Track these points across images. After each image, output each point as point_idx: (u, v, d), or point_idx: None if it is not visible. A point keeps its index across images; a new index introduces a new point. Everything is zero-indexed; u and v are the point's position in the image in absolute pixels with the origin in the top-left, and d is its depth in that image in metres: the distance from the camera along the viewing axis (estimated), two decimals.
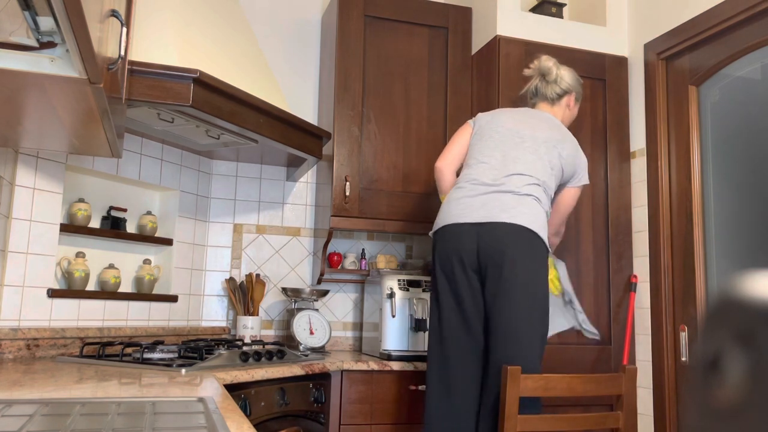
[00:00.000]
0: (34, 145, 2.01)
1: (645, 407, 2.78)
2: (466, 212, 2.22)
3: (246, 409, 2.08)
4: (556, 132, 2.36)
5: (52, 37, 1.20)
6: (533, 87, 2.50)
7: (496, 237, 2.15)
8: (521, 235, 2.15)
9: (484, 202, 2.21)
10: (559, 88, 2.47)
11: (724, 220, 2.57)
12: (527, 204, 2.20)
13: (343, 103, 3.01)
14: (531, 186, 2.23)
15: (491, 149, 2.33)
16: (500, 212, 2.17)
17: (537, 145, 2.30)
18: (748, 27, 2.46)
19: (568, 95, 2.49)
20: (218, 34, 2.66)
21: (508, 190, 2.21)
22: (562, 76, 2.47)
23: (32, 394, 1.40)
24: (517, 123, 2.37)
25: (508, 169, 2.26)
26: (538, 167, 2.27)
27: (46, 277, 2.36)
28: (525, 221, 2.16)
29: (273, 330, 3.21)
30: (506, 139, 2.33)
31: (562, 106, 2.49)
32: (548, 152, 2.30)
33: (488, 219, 2.18)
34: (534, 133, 2.32)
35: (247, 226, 3.25)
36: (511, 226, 2.15)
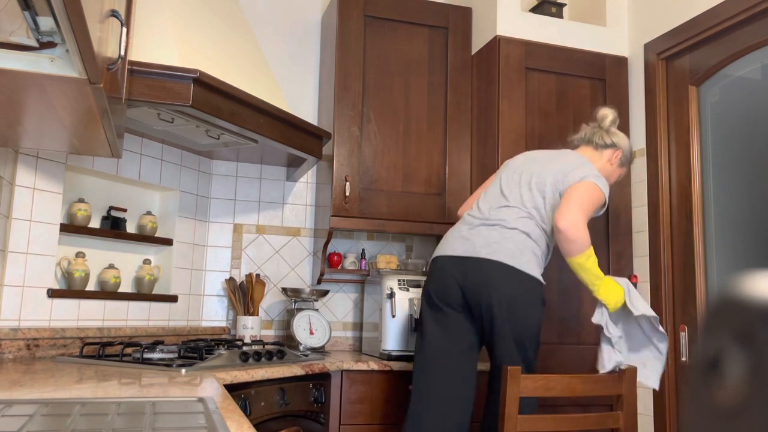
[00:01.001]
0: (34, 145, 2.01)
1: (645, 407, 2.78)
2: (453, 245, 2.26)
3: (246, 409, 2.08)
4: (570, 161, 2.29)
5: (52, 37, 1.20)
6: (582, 133, 2.46)
7: (479, 275, 2.16)
8: (503, 272, 2.14)
9: (470, 236, 2.24)
10: (609, 138, 2.39)
11: (724, 220, 2.57)
12: (512, 238, 2.18)
13: (343, 103, 3.01)
14: (521, 219, 2.21)
15: (493, 187, 2.36)
16: (482, 247, 2.18)
17: (532, 177, 2.28)
18: (748, 27, 2.47)
19: (615, 149, 2.40)
20: (218, 34, 2.66)
21: (496, 223, 2.22)
22: (616, 131, 2.41)
23: (32, 394, 1.40)
24: (527, 161, 2.36)
25: (498, 202, 2.27)
26: (526, 198, 2.25)
27: (46, 277, 2.36)
28: (506, 257, 2.15)
29: (273, 330, 3.21)
30: (508, 176, 2.34)
31: (604, 157, 2.40)
32: (542, 181, 2.26)
33: (470, 254, 2.19)
34: (540, 167, 2.30)
35: (247, 226, 3.25)
36: (491, 263, 2.15)
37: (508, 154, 2.88)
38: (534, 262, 2.18)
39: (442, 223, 3.08)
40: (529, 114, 2.94)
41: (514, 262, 2.15)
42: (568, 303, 2.87)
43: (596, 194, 2.19)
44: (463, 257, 2.21)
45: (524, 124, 2.92)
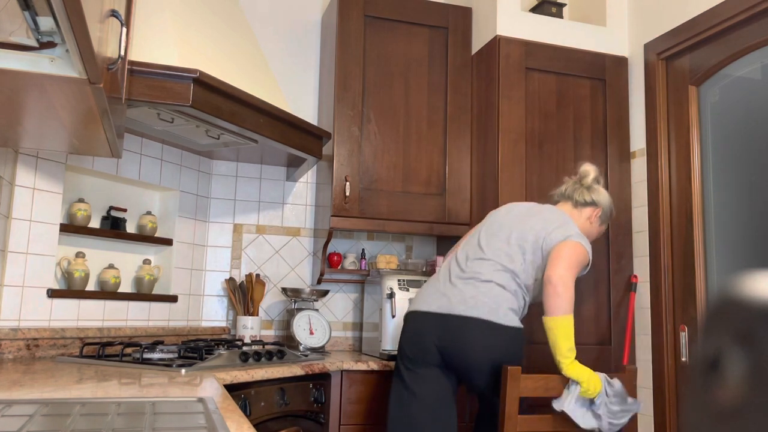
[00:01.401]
0: (34, 145, 2.01)
1: (645, 407, 2.78)
2: (429, 300, 2.23)
3: (246, 409, 2.08)
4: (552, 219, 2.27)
5: (52, 37, 1.20)
6: (563, 188, 2.46)
7: (456, 334, 2.13)
8: (481, 330, 2.11)
9: (445, 290, 2.21)
10: (589, 195, 2.39)
11: (724, 220, 2.57)
12: (488, 292, 2.15)
13: (343, 103, 3.01)
14: (496, 272, 2.19)
15: (472, 238, 2.34)
16: (458, 303, 2.16)
17: (512, 232, 2.26)
18: (748, 27, 2.47)
19: (594, 208, 2.40)
20: (218, 34, 2.66)
21: (471, 277, 2.20)
22: (597, 188, 2.42)
23: (32, 394, 1.40)
24: (509, 214, 2.34)
25: (475, 254, 2.25)
26: (504, 252, 2.22)
27: (46, 277, 2.36)
28: (482, 312, 2.12)
29: (273, 330, 3.21)
30: (488, 229, 2.32)
31: (583, 215, 2.40)
32: (523, 237, 2.23)
33: (446, 310, 2.16)
34: (521, 223, 2.27)
35: (247, 226, 3.25)
36: (468, 321, 2.12)
37: (508, 154, 2.88)
38: (512, 313, 2.16)
39: (442, 223, 3.08)
40: (529, 114, 2.94)
41: (492, 317, 2.12)
42: None
43: (583, 254, 2.18)
44: (438, 314, 2.18)
45: (524, 124, 2.92)
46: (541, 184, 2.91)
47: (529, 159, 2.91)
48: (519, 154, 2.89)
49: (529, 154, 2.92)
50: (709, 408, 0.28)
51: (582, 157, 2.99)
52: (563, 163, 2.96)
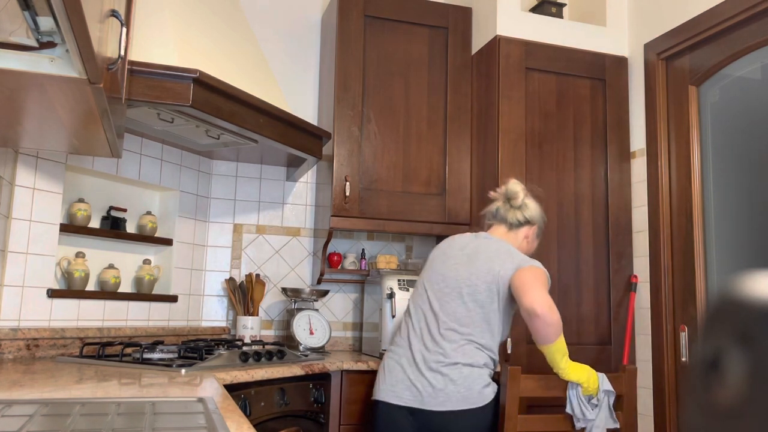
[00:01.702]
0: (34, 145, 2.01)
1: (645, 407, 2.78)
2: (397, 389, 2.12)
3: (246, 409, 2.08)
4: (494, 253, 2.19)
5: (52, 37, 1.20)
6: (494, 209, 2.35)
7: (432, 428, 2.07)
8: (455, 419, 2.05)
9: (415, 380, 2.10)
10: (522, 215, 2.30)
11: (724, 220, 2.57)
12: (457, 380, 2.06)
13: (343, 103, 3.01)
14: (461, 349, 2.10)
15: (420, 301, 2.23)
16: (429, 397, 2.06)
17: (461, 286, 2.15)
18: (748, 27, 2.46)
19: (529, 226, 2.32)
20: (218, 34, 2.66)
21: (436, 364, 2.08)
22: (527, 204, 2.32)
23: (32, 394, 1.40)
24: (448, 261, 2.23)
25: (433, 329, 2.14)
26: (462, 316, 2.13)
27: (46, 277, 2.36)
28: (456, 403, 2.04)
29: (273, 330, 3.21)
30: (434, 286, 2.21)
31: (519, 236, 2.32)
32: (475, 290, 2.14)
33: (418, 405, 2.07)
34: (466, 271, 2.17)
35: (247, 226, 3.25)
36: (442, 415, 2.05)
37: (508, 154, 2.88)
38: (484, 383, 2.08)
39: (442, 223, 3.08)
40: (529, 114, 2.94)
41: (466, 404, 2.05)
42: (568, 303, 2.87)
43: (543, 274, 2.12)
44: (411, 408, 2.09)
45: (524, 124, 2.92)
46: (541, 184, 2.91)
47: (529, 159, 2.91)
48: (519, 154, 2.89)
49: (529, 154, 2.92)
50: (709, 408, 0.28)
51: (582, 157, 2.99)
52: (563, 163, 2.96)
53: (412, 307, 2.25)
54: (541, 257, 2.86)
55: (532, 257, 2.29)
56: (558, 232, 2.90)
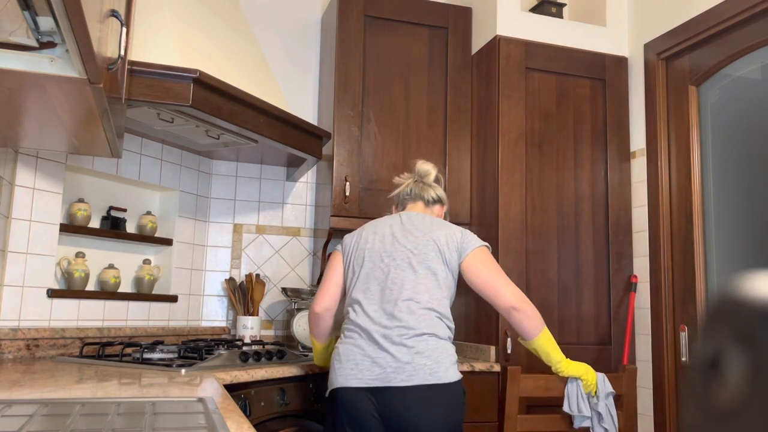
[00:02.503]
0: (34, 145, 2.01)
1: (645, 407, 2.78)
2: (358, 370, 1.96)
3: (246, 409, 2.08)
4: (429, 224, 2.13)
5: (51, 37, 1.20)
6: (408, 189, 2.28)
7: (398, 406, 1.90)
8: (422, 395, 1.90)
9: (376, 357, 1.95)
10: (434, 193, 2.27)
11: (724, 220, 2.57)
12: (423, 352, 1.93)
13: (343, 103, 3.01)
14: (422, 320, 1.97)
15: (364, 278, 2.08)
16: (394, 373, 1.91)
17: (410, 256, 2.05)
18: (748, 27, 2.47)
19: (441, 206, 2.29)
20: (218, 34, 2.66)
21: (399, 338, 1.95)
22: (437, 186, 2.30)
23: (32, 394, 1.40)
24: (384, 240, 2.11)
25: (388, 304, 2.00)
26: (414, 284, 2.02)
27: (46, 277, 2.36)
28: (423, 377, 1.90)
29: (273, 330, 3.21)
30: (376, 263, 2.08)
31: (434, 213, 2.27)
32: (426, 258, 2.05)
33: (383, 383, 1.92)
34: (412, 242, 2.08)
35: (247, 226, 3.25)
36: (410, 391, 1.90)
37: (508, 154, 2.88)
38: (449, 360, 1.96)
39: None
40: (529, 114, 2.94)
41: (434, 379, 1.91)
42: (568, 303, 2.87)
43: (490, 255, 2.09)
44: (375, 388, 1.93)
45: (524, 124, 2.92)
46: (541, 184, 2.91)
47: (529, 159, 2.91)
48: (519, 154, 2.89)
49: (529, 154, 2.92)
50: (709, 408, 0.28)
51: (582, 157, 2.99)
52: (563, 163, 2.96)
53: (357, 293, 2.07)
54: (542, 257, 2.86)
55: None
56: (558, 232, 2.90)
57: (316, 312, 2.16)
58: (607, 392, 2.12)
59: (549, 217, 2.89)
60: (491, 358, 2.75)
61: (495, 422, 2.64)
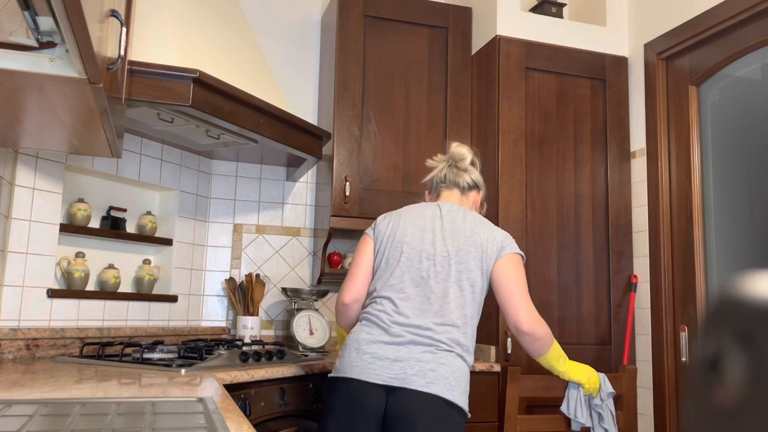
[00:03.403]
0: (34, 145, 2.01)
1: (645, 407, 2.78)
2: (374, 367, 1.81)
3: (246, 409, 2.08)
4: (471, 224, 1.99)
5: (51, 37, 1.20)
6: (442, 175, 2.13)
7: (407, 409, 1.77)
8: (434, 408, 1.77)
9: (398, 356, 1.81)
10: (470, 178, 2.12)
11: (724, 220, 2.57)
12: (449, 364, 1.81)
13: (343, 103, 3.01)
14: (456, 335, 1.86)
15: (399, 276, 1.93)
16: (415, 376, 1.78)
17: (450, 263, 1.92)
18: (748, 27, 2.47)
19: (477, 191, 2.15)
20: (218, 34, 2.66)
21: (429, 339, 1.84)
22: (473, 170, 2.15)
23: (32, 394, 1.40)
24: (423, 236, 1.97)
25: (422, 306, 1.88)
26: (455, 297, 1.89)
27: (46, 277, 2.36)
28: (442, 389, 1.78)
29: (273, 330, 3.21)
30: (414, 263, 1.93)
31: (470, 200, 2.13)
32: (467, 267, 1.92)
33: (401, 384, 1.78)
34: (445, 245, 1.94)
35: (247, 226, 3.25)
36: (425, 398, 1.76)
37: (508, 154, 2.88)
38: (466, 391, 1.84)
39: None
40: (529, 114, 2.94)
41: (450, 395, 1.78)
42: (568, 303, 2.87)
43: (522, 265, 1.96)
44: (390, 387, 1.79)
45: (524, 123, 2.92)
46: (541, 184, 2.91)
47: (529, 159, 2.91)
48: (519, 154, 2.89)
49: (529, 154, 2.92)
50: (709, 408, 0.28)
51: (582, 157, 2.99)
52: (563, 163, 2.96)
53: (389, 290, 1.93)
54: (542, 257, 2.86)
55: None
56: (558, 232, 2.90)
57: (345, 303, 2.01)
58: (608, 392, 2.12)
59: (549, 217, 2.89)
60: (491, 358, 2.75)
61: (495, 422, 2.64)
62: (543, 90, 2.98)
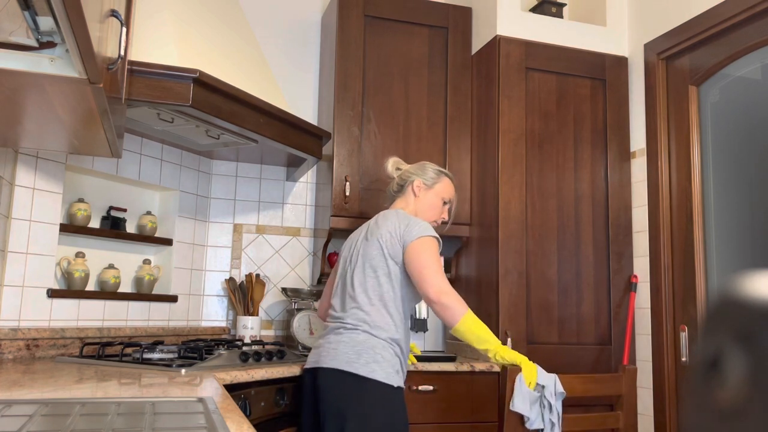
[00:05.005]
0: (34, 145, 2.01)
1: (645, 407, 2.78)
2: (309, 356, 2.20)
3: (246, 409, 2.08)
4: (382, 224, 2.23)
5: (51, 37, 1.20)
6: (387, 191, 2.49)
7: (322, 386, 2.06)
8: (336, 379, 2.02)
9: (320, 343, 2.16)
10: (396, 185, 2.42)
11: (724, 219, 2.57)
12: (349, 340, 2.06)
13: (343, 103, 3.01)
14: (356, 312, 2.12)
15: (335, 283, 2.30)
16: (322, 356, 2.10)
17: (357, 256, 2.22)
18: (748, 27, 2.46)
19: (409, 183, 2.39)
20: (218, 34, 2.66)
21: (337, 324, 2.14)
22: (401, 169, 2.44)
23: (32, 394, 1.40)
24: (352, 244, 2.30)
25: (342, 296, 2.21)
26: (361, 282, 2.15)
27: (46, 277, 2.36)
28: (341, 362, 2.03)
29: (273, 330, 3.21)
30: (341, 268, 2.29)
31: (408, 197, 2.38)
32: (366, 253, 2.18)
33: (314, 365, 2.12)
34: (364, 243, 2.23)
35: (247, 226, 3.24)
36: (331, 372, 2.04)
37: (508, 154, 2.88)
38: (376, 361, 2.02)
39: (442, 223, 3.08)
40: (529, 114, 2.94)
41: (349, 367, 2.01)
42: (568, 303, 2.87)
43: (431, 243, 2.12)
44: (313, 369, 2.14)
45: (524, 123, 2.92)
46: (541, 184, 2.91)
47: (529, 159, 2.91)
48: (519, 154, 2.89)
49: (529, 154, 2.92)
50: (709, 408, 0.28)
51: (582, 157, 2.99)
52: (563, 163, 2.96)
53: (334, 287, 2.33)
54: (542, 257, 2.86)
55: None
56: (558, 232, 2.90)
57: (320, 317, 2.41)
58: (558, 392, 2.08)
59: (549, 217, 2.89)
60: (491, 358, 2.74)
61: (495, 422, 2.64)
62: (543, 90, 2.98)
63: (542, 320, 2.82)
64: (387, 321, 2.10)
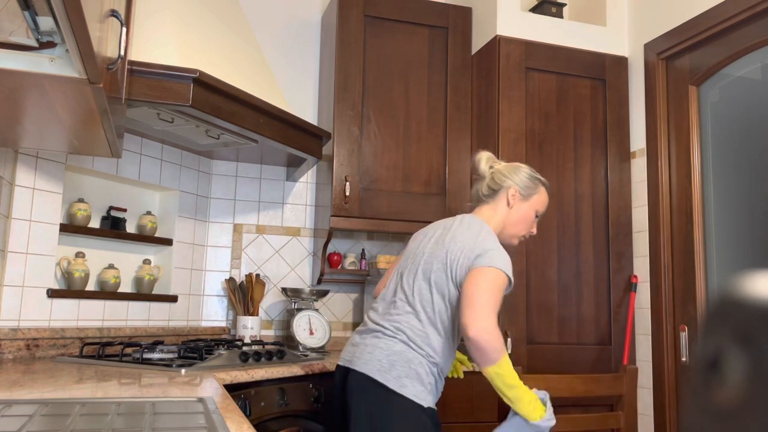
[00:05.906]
0: (34, 145, 2.01)
1: (645, 407, 2.78)
2: (344, 352, 2.07)
3: (246, 410, 2.08)
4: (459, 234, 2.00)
5: (51, 37, 1.20)
6: (473, 189, 2.20)
7: (352, 388, 1.93)
8: (366, 386, 1.89)
9: (357, 342, 2.02)
10: (493, 183, 2.11)
11: (724, 219, 2.57)
12: (386, 348, 1.91)
13: (343, 103, 3.01)
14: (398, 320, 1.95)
15: (391, 275, 2.14)
16: (356, 357, 1.96)
17: (419, 261, 2.02)
18: (748, 27, 2.46)
19: (505, 190, 2.09)
20: (218, 34, 2.66)
21: (379, 329, 1.97)
22: (496, 169, 2.13)
23: (32, 394, 1.40)
24: (422, 240, 2.09)
25: (391, 298, 2.03)
26: (408, 292, 1.99)
27: (46, 277, 2.36)
28: (373, 369, 1.88)
29: (273, 330, 3.21)
30: (404, 260, 2.11)
31: (500, 205, 2.09)
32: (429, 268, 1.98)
33: (347, 364, 1.99)
34: (431, 250, 2.02)
35: (247, 226, 3.25)
36: (359, 376, 1.91)
37: (508, 154, 2.88)
38: (408, 377, 1.87)
39: None
40: (529, 114, 2.95)
41: (380, 377, 1.87)
42: (568, 303, 2.87)
43: (497, 278, 1.87)
44: (343, 367, 2.02)
45: (524, 123, 2.92)
46: None
47: (529, 159, 2.91)
48: (519, 154, 2.89)
49: (529, 154, 2.92)
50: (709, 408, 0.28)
51: (582, 157, 2.99)
52: (563, 163, 2.96)
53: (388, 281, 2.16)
54: (542, 257, 2.86)
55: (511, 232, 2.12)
56: (558, 232, 2.90)
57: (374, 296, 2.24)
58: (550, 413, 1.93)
59: (549, 217, 2.89)
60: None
61: (495, 422, 2.64)
62: (543, 90, 2.98)
63: (542, 320, 2.82)
64: (431, 337, 1.93)
